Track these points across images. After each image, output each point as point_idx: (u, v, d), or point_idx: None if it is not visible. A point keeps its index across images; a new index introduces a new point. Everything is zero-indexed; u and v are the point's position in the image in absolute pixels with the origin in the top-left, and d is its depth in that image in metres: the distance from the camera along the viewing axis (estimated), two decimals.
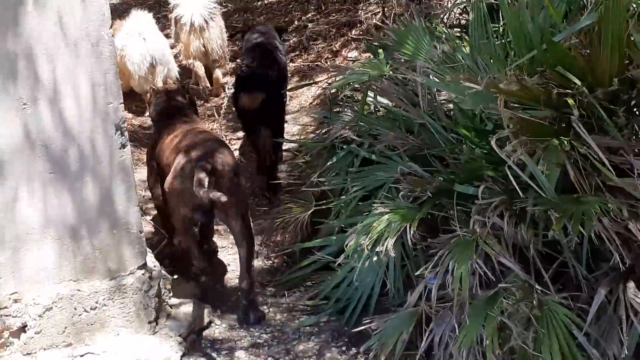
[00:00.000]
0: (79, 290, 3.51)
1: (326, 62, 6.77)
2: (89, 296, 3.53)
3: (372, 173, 3.81)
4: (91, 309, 3.54)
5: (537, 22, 3.18)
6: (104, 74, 3.38)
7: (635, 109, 2.95)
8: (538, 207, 2.92)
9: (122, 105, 3.49)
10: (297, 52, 7.50)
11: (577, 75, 2.92)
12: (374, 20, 7.08)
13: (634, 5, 2.85)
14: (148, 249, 3.81)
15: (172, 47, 6.90)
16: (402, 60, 3.92)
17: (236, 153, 5.62)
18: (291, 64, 7.20)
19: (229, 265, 4.48)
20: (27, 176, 3.28)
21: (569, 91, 2.91)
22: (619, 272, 2.89)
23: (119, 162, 3.50)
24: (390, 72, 3.87)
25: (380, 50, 4.10)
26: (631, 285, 2.83)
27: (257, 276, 4.32)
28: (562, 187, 3.08)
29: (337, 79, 4.14)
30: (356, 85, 4.13)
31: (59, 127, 3.30)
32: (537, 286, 2.95)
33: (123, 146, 3.51)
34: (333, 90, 4.38)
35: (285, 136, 5.53)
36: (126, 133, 3.53)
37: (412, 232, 3.32)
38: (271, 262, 4.50)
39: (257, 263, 4.46)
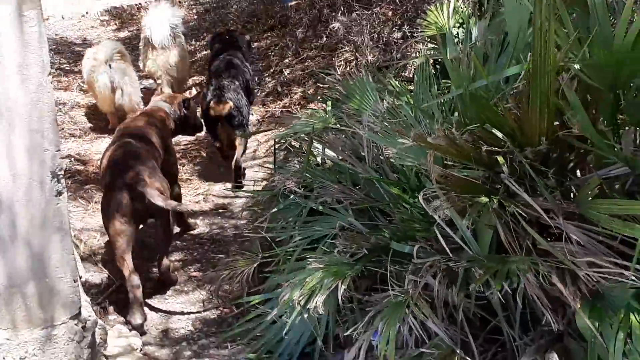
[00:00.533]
0: (8, 339, 3.43)
1: (297, 109, 6.75)
2: (19, 345, 3.44)
3: (315, 225, 3.75)
4: (20, 358, 3.45)
5: (461, 76, 3.14)
6: (41, 120, 3.34)
7: (566, 171, 2.91)
8: (462, 264, 2.86)
9: (59, 152, 3.45)
10: (271, 97, 7.50)
11: (507, 134, 2.88)
12: (348, 68, 7.09)
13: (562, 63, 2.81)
14: (85, 297, 3.73)
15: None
16: (350, 112, 3.89)
17: None
18: (263, 109, 7.20)
19: None
20: None
21: (499, 149, 2.87)
22: (546, 340, 2.81)
23: (54, 210, 3.44)
24: (336, 124, 3.84)
25: (329, 102, 4.08)
26: (554, 356, 2.75)
27: (204, 326, 4.26)
28: (496, 248, 3.03)
29: (283, 129, 4.11)
30: (302, 136, 4.09)
31: None
32: (460, 353, 2.87)
33: (59, 194, 3.46)
34: (282, 140, 4.35)
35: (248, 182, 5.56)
36: (63, 181, 3.48)
37: (342, 289, 3.26)
38: (219, 312, 4.42)
39: (206, 313, 4.39)
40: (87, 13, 10.93)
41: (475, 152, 2.90)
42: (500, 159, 2.84)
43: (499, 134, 2.86)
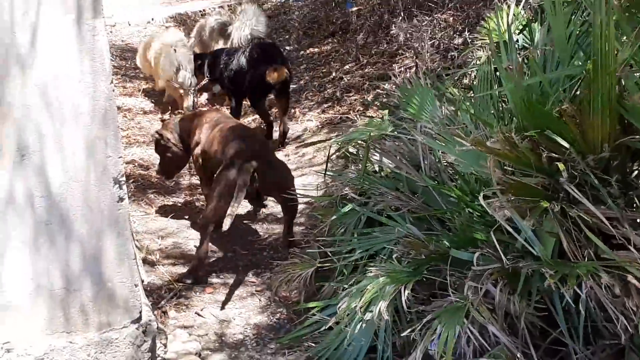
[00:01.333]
0: (71, 342, 3.50)
1: (357, 115, 6.74)
2: (81, 349, 3.50)
3: (373, 236, 3.73)
4: None
5: (517, 83, 3.08)
6: (104, 128, 3.41)
7: (630, 178, 2.82)
8: (530, 266, 2.80)
9: (121, 158, 3.51)
10: (330, 103, 7.52)
11: (567, 140, 2.81)
12: (408, 75, 7.05)
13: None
14: (146, 301, 3.79)
15: None
16: (407, 119, 3.87)
17: None
18: (322, 115, 7.22)
19: None
20: (19, 228, 3.30)
21: (560, 156, 2.80)
22: (607, 354, 2.74)
23: (116, 215, 3.50)
24: (394, 132, 3.81)
25: (386, 110, 4.06)
26: None
27: (262, 331, 4.27)
28: (557, 257, 2.97)
29: (339, 137, 4.10)
30: (360, 142, 4.08)
31: (53, 179, 3.32)
32: None
33: (121, 200, 3.52)
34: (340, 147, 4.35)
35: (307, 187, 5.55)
36: (124, 187, 3.54)
37: (405, 295, 3.24)
38: (277, 317, 4.43)
39: (263, 318, 4.41)
40: (152, 19, 11.17)
41: (535, 158, 2.85)
42: (561, 165, 2.78)
43: (560, 140, 2.80)
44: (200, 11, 11.25)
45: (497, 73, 3.68)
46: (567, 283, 2.66)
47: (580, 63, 3.05)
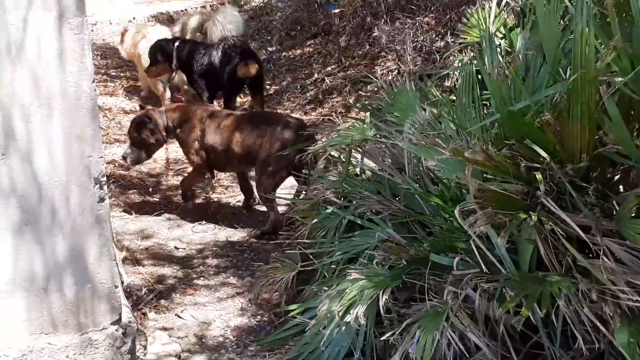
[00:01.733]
0: (50, 343, 3.48)
1: (338, 117, 6.74)
2: (60, 350, 3.49)
3: (354, 239, 3.74)
4: None
5: (502, 93, 3.10)
6: (84, 127, 3.39)
7: (608, 187, 2.85)
8: (497, 284, 2.82)
9: (102, 158, 3.50)
10: (312, 105, 7.53)
11: (546, 149, 2.84)
12: (390, 77, 7.08)
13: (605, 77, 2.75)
14: (126, 303, 3.78)
15: None
16: (390, 123, 3.88)
17: None
18: (305, 117, 7.22)
19: None
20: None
21: (538, 165, 2.83)
22: (587, 358, 2.77)
23: (96, 216, 3.49)
24: (375, 136, 3.83)
25: (368, 113, 4.07)
26: None
27: (242, 334, 4.27)
28: (536, 264, 2.99)
29: (321, 140, 4.11)
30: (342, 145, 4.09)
31: (33, 180, 3.30)
32: None
33: (101, 200, 3.51)
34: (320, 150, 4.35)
35: (287, 190, 5.58)
36: (105, 187, 3.52)
37: (384, 299, 3.25)
38: (257, 320, 4.43)
39: (244, 320, 4.41)
40: (134, 19, 11.13)
41: (514, 168, 2.87)
42: (538, 175, 2.80)
43: (539, 150, 2.82)
44: (182, 10, 11.23)
45: (480, 76, 3.70)
46: (527, 302, 2.68)
47: (563, 74, 3.05)
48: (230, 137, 5.54)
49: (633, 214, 2.77)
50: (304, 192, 5.25)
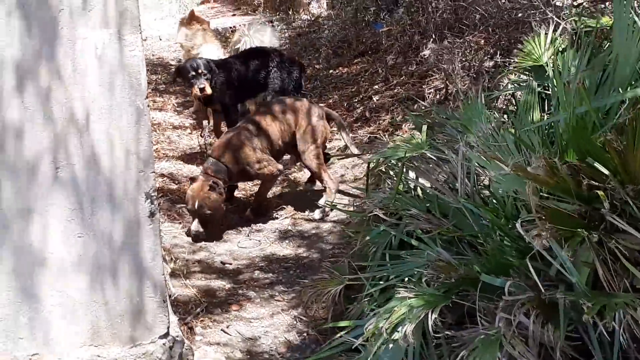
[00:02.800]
0: (98, 356, 3.50)
1: (385, 135, 6.73)
2: None
3: (406, 260, 3.70)
4: None
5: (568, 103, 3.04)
6: (138, 142, 3.43)
7: None
8: (567, 297, 2.75)
9: (154, 173, 3.52)
10: (359, 123, 7.51)
11: (609, 169, 2.78)
12: (437, 96, 7.04)
13: None
14: (174, 317, 3.79)
15: None
16: (445, 140, 3.84)
17: None
18: (351, 135, 7.21)
19: None
20: None
21: (600, 184, 2.77)
22: None
23: (147, 230, 3.51)
24: (429, 151, 3.79)
25: (424, 128, 4.04)
26: None
27: (288, 351, 4.25)
28: (592, 286, 2.92)
29: (374, 155, 4.08)
30: (393, 162, 4.06)
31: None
32: None
33: (152, 214, 3.53)
34: (371, 165, 4.33)
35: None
36: (156, 201, 3.55)
37: (433, 319, 3.20)
38: (303, 337, 4.41)
39: (290, 337, 4.39)
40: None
41: (575, 185, 2.81)
42: (601, 194, 2.74)
43: (602, 169, 2.76)
44: (230, 27, 11.33)
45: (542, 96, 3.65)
46: (606, 315, 2.61)
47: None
48: (274, 134, 5.94)
49: None
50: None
